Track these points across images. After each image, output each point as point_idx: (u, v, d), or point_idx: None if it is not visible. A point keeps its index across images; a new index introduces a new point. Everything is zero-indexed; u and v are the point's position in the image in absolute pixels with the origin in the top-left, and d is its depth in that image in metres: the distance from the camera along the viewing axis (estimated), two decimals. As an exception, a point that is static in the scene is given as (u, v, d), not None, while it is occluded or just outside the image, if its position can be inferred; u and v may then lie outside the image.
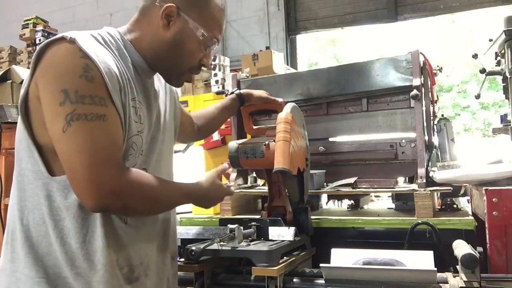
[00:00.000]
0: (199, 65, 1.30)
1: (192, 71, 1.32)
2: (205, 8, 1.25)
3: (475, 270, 1.35)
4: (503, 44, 2.51)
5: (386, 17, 5.59)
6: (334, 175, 2.20)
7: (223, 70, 4.71)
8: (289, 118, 1.67)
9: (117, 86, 1.12)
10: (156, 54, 1.24)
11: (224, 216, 2.14)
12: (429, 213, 1.81)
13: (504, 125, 2.77)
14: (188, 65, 1.29)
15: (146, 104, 1.26)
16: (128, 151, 1.17)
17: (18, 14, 6.35)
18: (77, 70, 1.05)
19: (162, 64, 1.27)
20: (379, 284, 1.39)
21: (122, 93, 1.13)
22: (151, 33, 1.23)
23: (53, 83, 1.06)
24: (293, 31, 5.98)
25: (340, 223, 1.96)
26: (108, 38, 1.19)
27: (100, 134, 1.05)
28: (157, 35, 1.22)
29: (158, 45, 1.23)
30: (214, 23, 1.28)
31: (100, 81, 1.07)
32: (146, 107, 1.26)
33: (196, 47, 1.25)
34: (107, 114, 1.07)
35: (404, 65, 2.06)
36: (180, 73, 1.31)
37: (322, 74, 2.30)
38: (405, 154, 2.17)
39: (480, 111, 10.50)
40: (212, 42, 1.29)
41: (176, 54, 1.25)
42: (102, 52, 1.12)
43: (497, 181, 1.74)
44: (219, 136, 3.03)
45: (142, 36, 1.24)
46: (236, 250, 1.55)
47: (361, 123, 2.28)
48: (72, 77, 1.05)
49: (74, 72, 1.05)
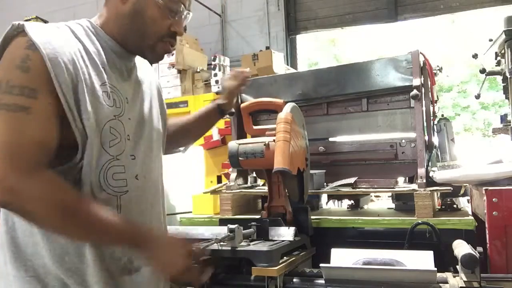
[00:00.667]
0: (170, 32, 1.24)
1: (164, 40, 1.25)
2: None
3: (475, 270, 1.35)
4: (503, 44, 2.51)
5: (386, 17, 5.59)
6: (334, 175, 2.20)
7: (223, 70, 4.71)
8: (289, 118, 1.67)
9: (68, 77, 1.07)
10: (122, 31, 1.22)
11: (224, 216, 2.14)
12: (429, 213, 1.81)
13: (504, 125, 2.77)
14: (155, 34, 1.23)
15: (126, 88, 1.24)
16: (108, 137, 1.14)
17: (18, 14, 6.35)
18: (15, 60, 1.04)
19: (131, 40, 1.23)
20: (379, 284, 1.39)
21: (81, 82, 1.09)
22: (114, 12, 1.22)
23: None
24: (293, 31, 5.98)
25: (340, 223, 1.96)
26: (75, 28, 1.18)
27: (16, 126, 1.01)
28: (118, 12, 1.21)
29: (121, 22, 1.21)
30: None
31: (37, 72, 1.04)
32: (125, 90, 1.23)
33: (158, 12, 1.21)
34: (34, 107, 1.02)
35: (404, 65, 2.06)
36: (151, 45, 1.25)
37: (322, 74, 2.31)
38: (405, 154, 2.17)
39: (480, 111, 10.50)
40: (177, 5, 1.23)
41: (139, 25, 1.21)
42: (58, 42, 1.09)
43: (497, 181, 1.74)
44: (219, 136, 3.03)
45: (109, 18, 1.23)
46: (236, 250, 1.55)
47: (361, 123, 2.28)
48: (9, 67, 1.04)
49: (12, 63, 1.04)
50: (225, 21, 6.02)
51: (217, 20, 5.98)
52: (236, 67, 2.54)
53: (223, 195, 2.20)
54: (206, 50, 5.45)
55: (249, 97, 2.38)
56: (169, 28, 1.24)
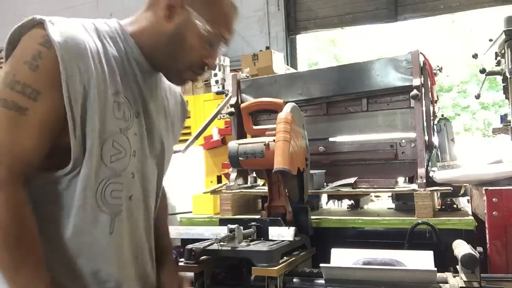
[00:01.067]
0: (201, 63, 1.19)
1: (194, 69, 1.20)
2: (212, 1, 1.16)
3: (475, 270, 1.35)
4: (503, 44, 2.51)
5: (386, 17, 5.58)
6: (334, 175, 2.20)
7: (223, 70, 4.70)
8: (289, 118, 1.67)
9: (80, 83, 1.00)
10: (155, 46, 1.16)
11: (224, 216, 2.14)
12: (429, 213, 1.81)
13: (504, 125, 2.76)
14: (188, 61, 1.18)
15: (140, 102, 1.16)
16: (110, 151, 1.06)
17: (18, 14, 6.37)
18: (25, 55, 0.98)
19: (161, 58, 1.17)
20: (379, 284, 1.39)
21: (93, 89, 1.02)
22: (152, 25, 1.15)
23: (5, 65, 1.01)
24: (293, 31, 5.97)
25: (340, 223, 1.96)
26: (102, 27, 1.12)
27: (5, 126, 0.95)
28: (158, 26, 1.14)
29: (158, 37, 1.15)
30: (221, 19, 1.17)
31: (46, 73, 0.98)
32: (138, 105, 1.16)
33: (198, 42, 1.15)
34: (31, 109, 0.96)
35: (404, 65, 2.06)
36: (179, 70, 1.20)
37: (322, 74, 2.31)
38: (405, 154, 2.17)
39: (480, 111, 10.49)
40: (218, 39, 1.17)
41: (175, 48, 1.15)
42: (77, 42, 1.01)
43: (497, 181, 1.74)
44: (219, 136, 3.03)
45: (144, 28, 1.16)
46: (236, 250, 1.55)
47: (361, 123, 2.28)
48: (18, 61, 0.99)
49: (22, 57, 0.98)
50: (225, 21, 6.02)
51: (217, 20, 5.97)
52: (236, 69, 2.54)
53: (223, 195, 2.20)
54: (206, 50, 5.45)
55: (249, 97, 2.38)
56: (202, 59, 1.18)
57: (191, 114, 4.45)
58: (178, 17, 1.13)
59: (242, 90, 2.42)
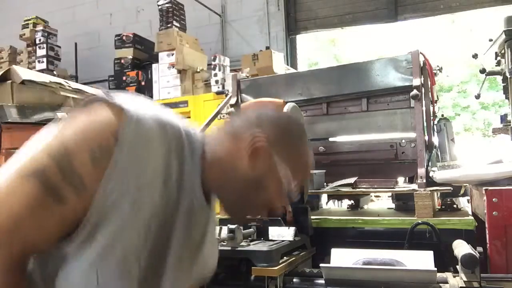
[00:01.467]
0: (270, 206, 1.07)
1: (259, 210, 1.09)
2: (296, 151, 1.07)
3: (475, 270, 1.35)
4: (503, 44, 2.51)
5: (386, 17, 5.58)
6: (334, 175, 2.20)
7: (223, 70, 4.71)
8: (289, 118, 1.67)
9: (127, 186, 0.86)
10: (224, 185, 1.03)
11: (224, 216, 2.13)
12: (429, 213, 1.81)
13: (504, 125, 2.77)
14: (257, 209, 1.08)
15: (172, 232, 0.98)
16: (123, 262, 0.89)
17: (18, 14, 6.35)
18: (93, 139, 0.84)
19: (226, 197, 1.05)
20: (379, 284, 1.39)
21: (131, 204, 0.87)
22: (232, 164, 1.01)
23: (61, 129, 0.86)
24: (293, 31, 5.97)
25: (340, 223, 1.96)
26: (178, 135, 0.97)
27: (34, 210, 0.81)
28: (237, 169, 1.00)
29: (232, 179, 1.01)
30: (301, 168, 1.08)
31: (99, 170, 0.84)
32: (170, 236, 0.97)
33: (277, 193, 1.03)
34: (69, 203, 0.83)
35: (404, 65, 2.06)
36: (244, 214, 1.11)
37: (322, 74, 2.31)
38: (405, 154, 2.17)
39: (480, 111, 10.49)
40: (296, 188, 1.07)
41: (249, 196, 1.03)
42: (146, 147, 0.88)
43: (497, 181, 1.74)
44: (219, 136, 3.02)
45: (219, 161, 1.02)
46: (236, 250, 1.55)
47: (361, 123, 2.28)
48: (83, 143, 0.84)
49: (89, 139, 0.84)
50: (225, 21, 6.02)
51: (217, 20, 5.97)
52: (236, 69, 2.54)
53: (223, 195, 2.19)
54: (206, 50, 5.46)
55: (249, 97, 2.38)
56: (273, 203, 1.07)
57: (191, 114, 4.46)
58: (262, 163, 1.00)
59: (242, 90, 2.42)
